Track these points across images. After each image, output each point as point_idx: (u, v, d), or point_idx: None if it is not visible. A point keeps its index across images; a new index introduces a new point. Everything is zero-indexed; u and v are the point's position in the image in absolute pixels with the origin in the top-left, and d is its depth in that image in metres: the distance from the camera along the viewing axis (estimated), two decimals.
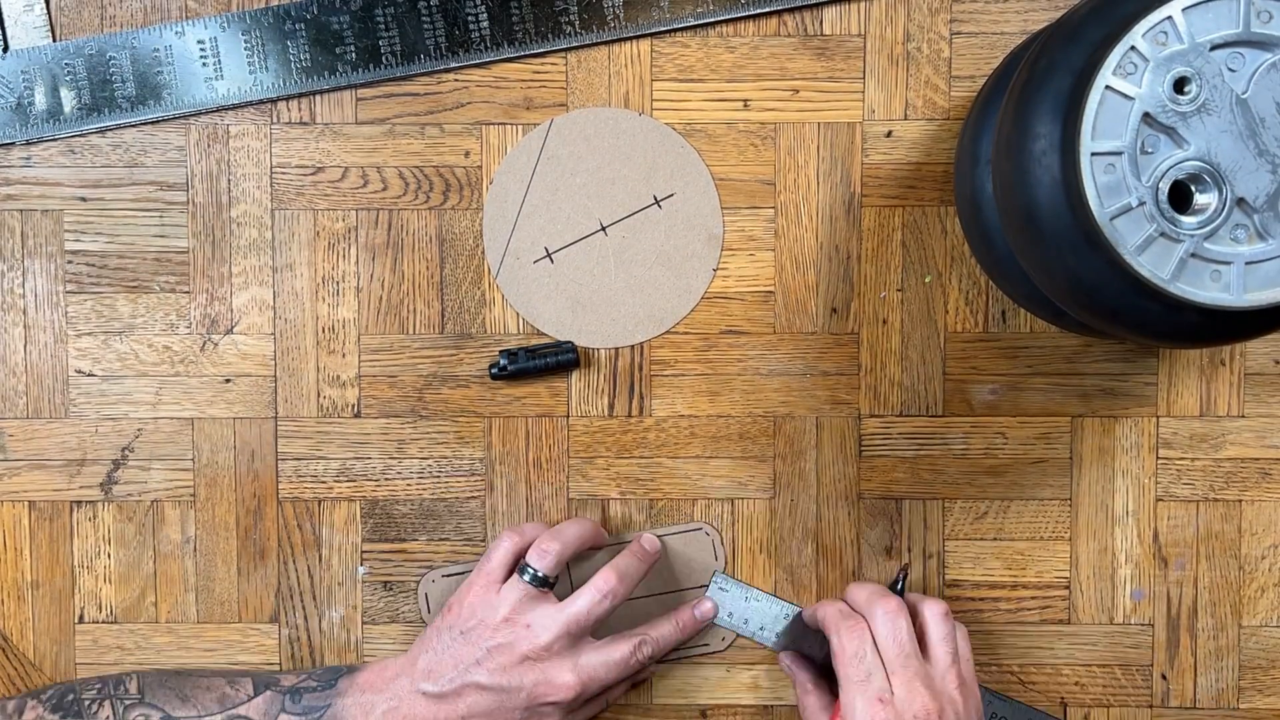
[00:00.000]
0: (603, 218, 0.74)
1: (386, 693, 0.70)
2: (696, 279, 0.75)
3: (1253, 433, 0.76)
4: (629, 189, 0.75)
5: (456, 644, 0.70)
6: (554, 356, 0.74)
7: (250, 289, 0.76)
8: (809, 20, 0.75)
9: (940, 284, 0.76)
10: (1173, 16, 0.56)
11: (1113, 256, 0.56)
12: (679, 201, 0.74)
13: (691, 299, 0.75)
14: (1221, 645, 0.77)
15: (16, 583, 0.76)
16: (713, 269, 0.75)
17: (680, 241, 0.75)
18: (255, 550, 0.76)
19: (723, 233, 0.75)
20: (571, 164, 0.75)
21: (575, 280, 0.75)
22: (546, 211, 0.75)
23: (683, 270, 0.75)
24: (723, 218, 0.74)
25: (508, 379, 0.75)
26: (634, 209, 0.74)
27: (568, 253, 0.74)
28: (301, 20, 0.74)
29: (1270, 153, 0.56)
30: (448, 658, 0.70)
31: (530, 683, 0.69)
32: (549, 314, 0.75)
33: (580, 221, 0.75)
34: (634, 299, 0.75)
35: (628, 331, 0.75)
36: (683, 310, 0.75)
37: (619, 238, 0.74)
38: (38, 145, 0.75)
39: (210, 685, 0.71)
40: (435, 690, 0.69)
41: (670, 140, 0.74)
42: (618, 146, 0.75)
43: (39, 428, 0.76)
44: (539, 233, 0.75)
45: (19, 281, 0.76)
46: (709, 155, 0.75)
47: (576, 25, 0.74)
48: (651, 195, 0.74)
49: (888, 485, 0.76)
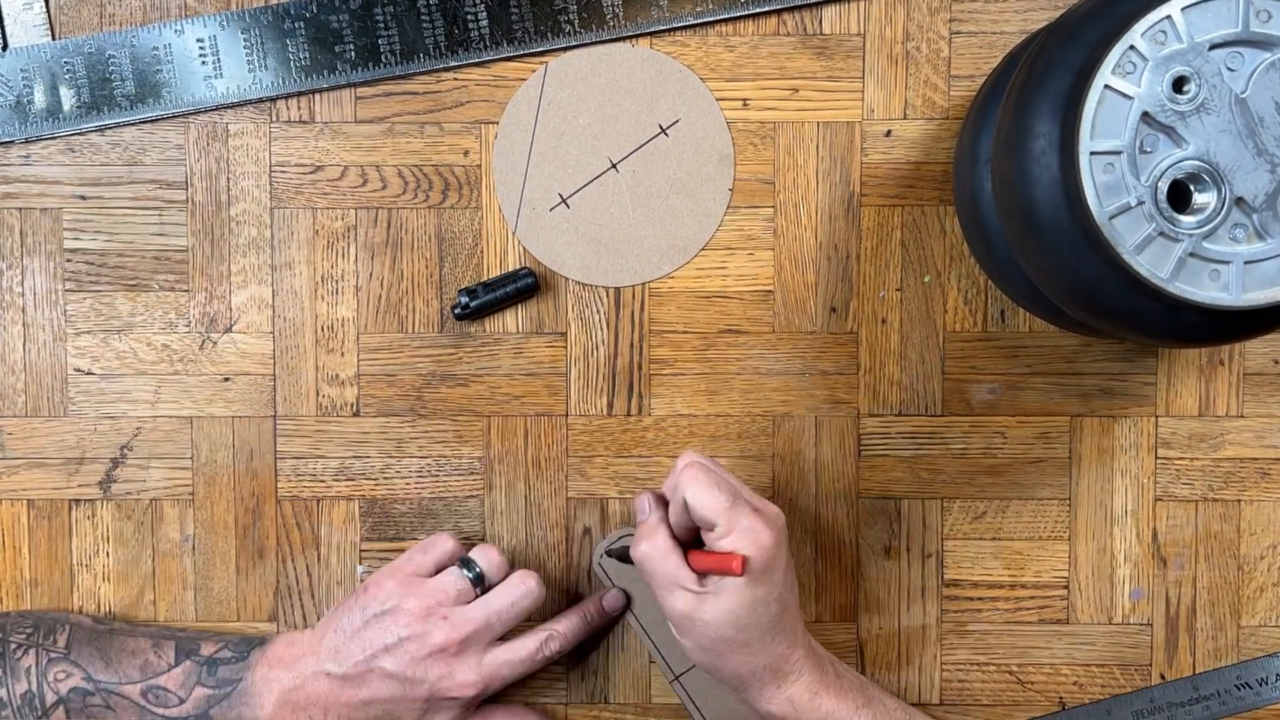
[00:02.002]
0: (612, 155, 0.74)
1: (293, 670, 0.70)
2: (714, 201, 0.74)
3: (1252, 432, 0.76)
4: (634, 122, 0.74)
5: (369, 627, 0.69)
6: (512, 284, 0.74)
7: (249, 287, 0.76)
8: (808, 20, 0.75)
9: (939, 283, 0.76)
10: (1172, 16, 0.56)
11: (1112, 256, 0.56)
12: (685, 127, 0.74)
13: (712, 222, 0.75)
14: (1220, 645, 0.77)
15: (15, 581, 0.76)
16: (728, 188, 0.75)
17: (692, 166, 0.75)
18: (254, 549, 0.76)
19: (733, 151, 0.74)
20: (573, 106, 0.74)
21: (594, 222, 0.74)
22: (555, 157, 0.74)
23: (699, 194, 0.75)
24: (730, 136, 0.74)
25: (472, 317, 0.74)
26: (641, 141, 0.74)
27: (583, 195, 0.74)
28: (301, 19, 0.74)
29: (1269, 152, 0.56)
30: (356, 640, 0.69)
31: (435, 676, 0.69)
32: (573, 259, 0.75)
33: (590, 162, 0.74)
34: (655, 231, 0.75)
35: (653, 265, 0.75)
36: (705, 235, 0.74)
37: (631, 172, 0.74)
38: (37, 143, 0.75)
39: (136, 649, 0.71)
40: (339, 671, 0.69)
41: (667, 67, 0.74)
42: (616, 81, 0.74)
43: (38, 426, 0.76)
44: (551, 180, 0.75)
45: (18, 280, 0.76)
46: None
47: (576, 24, 0.74)
48: (657, 125, 0.74)
49: (886, 485, 0.76)
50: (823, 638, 0.76)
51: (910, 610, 0.77)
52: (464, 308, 0.74)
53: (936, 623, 0.77)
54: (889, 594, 0.77)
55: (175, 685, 0.70)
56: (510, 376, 0.76)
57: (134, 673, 0.70)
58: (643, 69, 0.74)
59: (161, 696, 0.70)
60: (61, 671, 0.70)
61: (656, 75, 0.74)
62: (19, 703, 0.70)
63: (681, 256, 0.75)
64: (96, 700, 0.70)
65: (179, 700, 0.70)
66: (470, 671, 0.69)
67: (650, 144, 0.74)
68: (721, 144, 0.74)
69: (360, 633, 0.69)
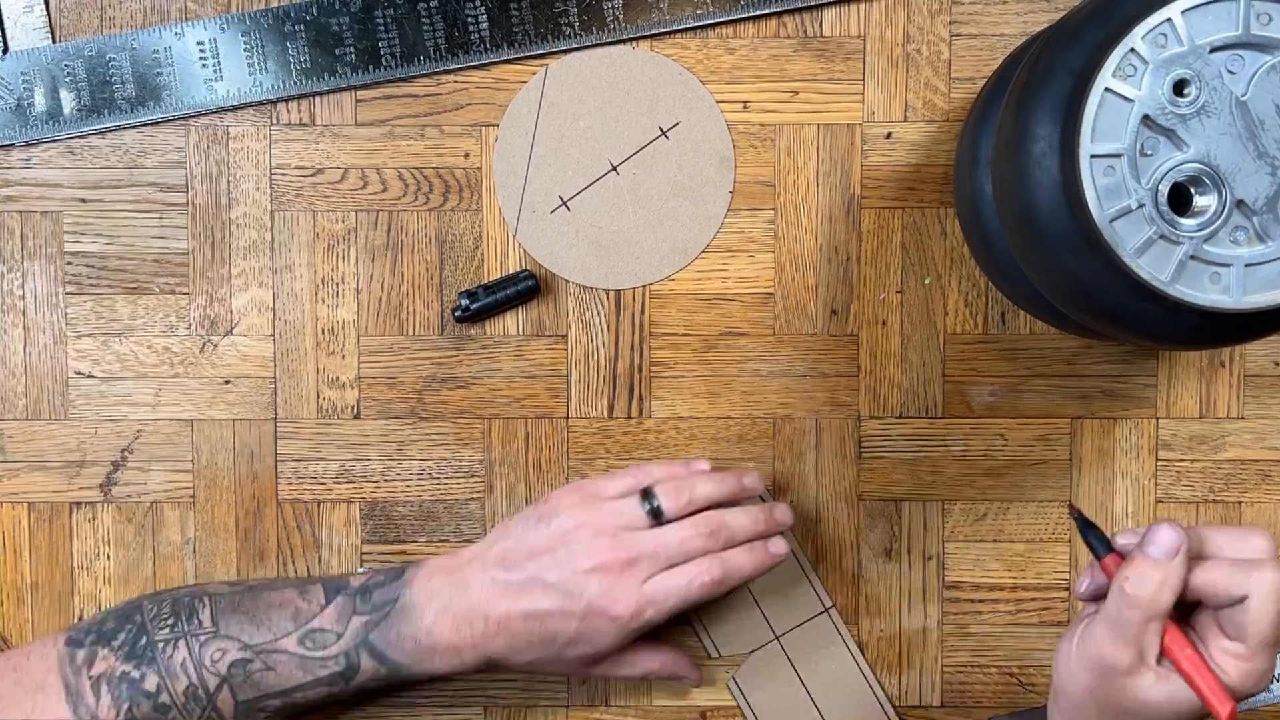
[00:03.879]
0: (612, 157, 0.74)
1: (455, 576, 0.68)
2: (714, 204, 0.74)
3: (1252, 434, 0.76)
4: (634, 124, 0.74)
5: (539, 536, 0.68)
6: (512, 287, 0.74)
7: (250, 290, 0.76)
8: (809, 22, 0.75)
9: (940, 286, 0.76)
10: (1172, 19, 0.56)
11: (1112, 259, 0.56)
12: (685, 129, 0.74)
13: (712, 225, 0.74)
14: None
15: (16, 584, 0.76)
16: (729, 190, 0.75)
17: (693, 169, 0.75)
18: (255, 552, 0.76)
19: (734, 153, 0.74)
20: (573, 108, 0.74)
21: (595, 224, 0.74)
22: (555, 160, 0.74)
23: (699, 197, 0.75)
24: (731, 139, 0.74)
25: (472, 320, 0.74)
26: (642, 144, 0.74)
27: (583, 198, 0.74)
28: (301, 21, 0.74)
29: (1270, 155, 0.56)
30: (525, 547, 0.68)
31: (595, 592, 0.67)
32: (573, 262, 0.75)
33: (590, 165, 0.74)
34: (655, 234, 0.75)
35: (654, 268, 0.74)
36: (705, 238, 0.74)
37: (631, 175, 0.74)
38: (37, 146, 0.75)
39: (283, 601, 0.69)
40: (505, 578, 0.67)
41: (667, 69, 0.74)
42: (616, 83, 0.74)
43: (38, 429, 0.76)
44: (551, 182, 0.75)
45: (19, 283, 0.76)
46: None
47: (576, 27, 0.74)
48: (657, 127, 0.74)
49: (887, 487, 0.76)
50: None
51: (911, 612, 0.77)
52: (464, 310, 0.74)
53: (937, 624, 0.77)
54: (890, 596, 0.77)
55: (331, 623, 0.68)
56: (511, 379, 0.76)
57: (287, 623, 0.68)
58: (643, 72, 0.74)
59: (319, 638, 0.68)
60: (217, 651, 0.67)
61: (657, 78, 0.74)
62: (183, 700, 0.67)
63: (682, 259, 0.75)
64: (257, 665, 0.67)
65: (336, 636, 0.68)
66: (630, 593, 0.67)
67: (650, 146, 0.74)
68: (722, 147, 0.74)
69: (530, 541, 0.68)
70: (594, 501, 0.69)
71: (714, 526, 0.68)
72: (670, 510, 0.68)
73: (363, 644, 0.68)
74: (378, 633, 0.68)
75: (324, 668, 0.67)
